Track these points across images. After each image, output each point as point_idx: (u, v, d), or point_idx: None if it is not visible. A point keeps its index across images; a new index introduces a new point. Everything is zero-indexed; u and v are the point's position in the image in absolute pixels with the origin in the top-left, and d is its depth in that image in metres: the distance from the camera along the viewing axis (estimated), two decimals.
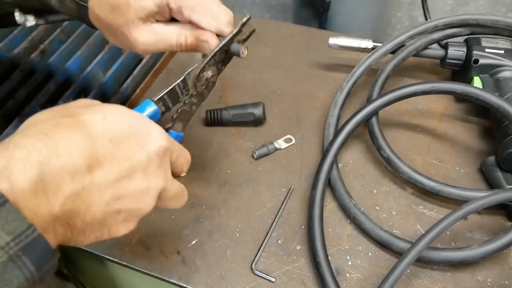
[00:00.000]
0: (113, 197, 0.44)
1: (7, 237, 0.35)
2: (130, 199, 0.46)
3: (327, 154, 0.78)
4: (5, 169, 0.37)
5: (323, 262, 0.69)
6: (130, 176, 0.45)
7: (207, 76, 0.61)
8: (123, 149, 0.45)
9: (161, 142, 0.48)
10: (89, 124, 0.43)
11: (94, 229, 0.45)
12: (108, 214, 0.45)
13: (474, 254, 0.68)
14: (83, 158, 0.41)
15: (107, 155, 0.43)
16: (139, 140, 0.46)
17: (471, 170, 0.83)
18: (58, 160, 0.39)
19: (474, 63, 0.87)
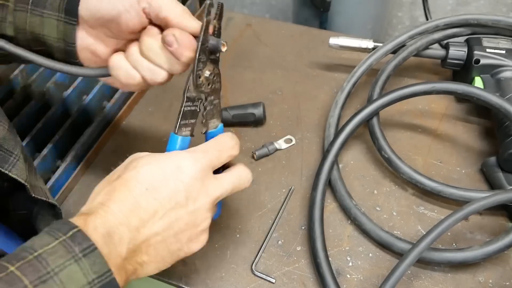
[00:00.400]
0: (166, 226, 0.54)
1: (93, 275, 0.47)
2: (183, 225, 0.56)
3: (328, 155, 0.78)
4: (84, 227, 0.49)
5: (323, 263, 0.69)
6: (177, 207, 0.55)
7: (206, 76, 0.61)
8: (159, 190, 0.54)
9: (193, 167, 0.56)
10: (128, 182, 0.54)
11: (165, 257, 0.56)
12: (168, 241, 0.55)
13: (475, 255, 0.68)
14: (131, 211, 0.53)
15: (149, 203, 0.54)
16: (169, 177, 0.55)
17: (472, 171, 0.83)
18: (114, 218, 0.51)
19: (475, 63, 0.87)
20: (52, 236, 0.47)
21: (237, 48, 1.07)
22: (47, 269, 0.45)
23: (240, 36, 1.10)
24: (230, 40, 1.09)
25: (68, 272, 0.46)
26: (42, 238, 0.48)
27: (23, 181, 0.61)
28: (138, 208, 0.53)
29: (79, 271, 0.46)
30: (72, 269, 0.46)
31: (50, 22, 0.63)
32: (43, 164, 0.80)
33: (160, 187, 0.54)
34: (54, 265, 0.45)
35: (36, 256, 0.46)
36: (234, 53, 1.06)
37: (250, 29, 1.11)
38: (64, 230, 0.48)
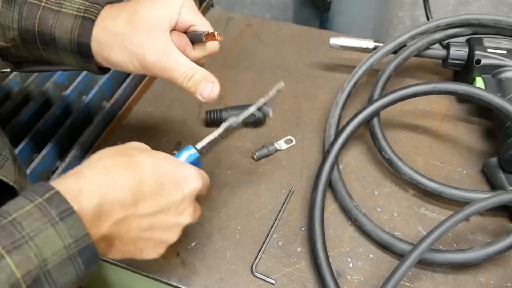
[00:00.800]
0: (148, 226, 0.55)
1: (70, 239, 0.46)
2: (161, 229, 0.57)
3: (328, 155, 0.78)
4: (77, 195, 0.48)
5: (323, 264, 0.69)
6: (165, 211, 0.56)
7: None
8: (164, 188, 0.55)
9: (195, 185, 0.58)
10: (141, 165, 0.54)
11: (128, 249, 0.55)
12: (142, 239, 0.55)
13: (476, 256, 0.68)
14: (132, 193, 0.52)
15: (151, 192, 0.54)
16: (177, 182, 0.57)
17: (473, 171, 0.83)
18: (114, 193, 0.51)
19: (476, 63, 0.87)
20: (27, 199, 0.46)
21: (237, 48, 1.07)
22: (21, 233, 0.44)
23: (240, 36, 1.10)
24: (230, 40, 1.09)
25: (44, 236, 0.44)
26: (18, 202, 0.46)
27: (12, 182, 0.60)
28: (139, 193, 0.53)
29: (56, 235, 0.45)
30: (48, 233, 0.45)
31: (68, 58, 0.65)
32: (43, 165, 0.81)
33: (165, 186, 0.55)
34: (29, 229, 0.44)
35: (10, 220, 0.44)
36: (234, 53, 1.06)
37: (250, 29, 1.11)
38: (40, 193, 0.46)
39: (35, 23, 0.63)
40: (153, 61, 0.62)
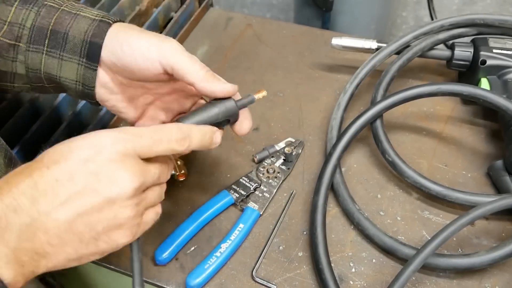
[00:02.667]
0: (71, 214, 0.48)
1: None
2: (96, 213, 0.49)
3: (330, 158, 0.78)
4: None
5: (325, 269, 0.69)
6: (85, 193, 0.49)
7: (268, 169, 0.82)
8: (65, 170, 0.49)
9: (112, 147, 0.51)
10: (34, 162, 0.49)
11: (77, 248, 0.50)
12: (78, 231, 0.49)
13: (482, 260, 0.68)
14: (24, 192, 0.47)
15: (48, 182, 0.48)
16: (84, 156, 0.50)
17: (478, 174, 0.83)
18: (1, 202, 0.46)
19: (482, 64, 0.87)
20: None
21: (237, 49, 1.07)
22: None
23: (241, 37, 1.10)
24: (230, 40, 1.09)
25: None
26: None
27: None
28: (34, 190, 0.48)
29: None
30: None
31: (69, 65, 0.65)
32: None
33: (66, 168, 0.49)
34: None
35: None
36: (234, 54, 1.06)
37: (251, 29, 1.12)
38: None
39: (51, 22, 0.64)
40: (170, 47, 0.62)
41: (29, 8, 0.65)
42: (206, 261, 0.71)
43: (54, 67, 0.65)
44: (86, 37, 0.63)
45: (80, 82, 0.66)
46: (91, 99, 0.68)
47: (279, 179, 0.82)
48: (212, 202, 0.78)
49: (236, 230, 0.75)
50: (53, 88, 0.69)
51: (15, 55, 0.65)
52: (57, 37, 0.64)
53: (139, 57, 0.62)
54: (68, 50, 0.64)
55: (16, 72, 0.66)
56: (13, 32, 0.64)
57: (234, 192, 0.80)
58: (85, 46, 0.63)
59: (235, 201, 0.79)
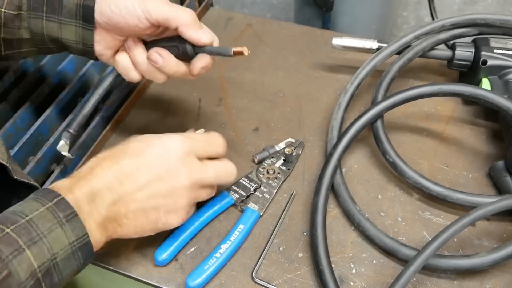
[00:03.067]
0: (146, 196, 0.64)
1: (73, 237, 0.57)
2: (162, 196, 0.65)
3: (331, 158, 0.78)
4: (70, 188, 0.60)
5: (326, 270, 0.69)
6: (156, 180, 0.65)
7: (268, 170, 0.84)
8: (144, 162, 0.65)
9: (177, 147, 0.67)
10: (116, 153, 0.66)
11: (141, 223, 0.65)
12: (148, 210, 0.65)
13: (483, 261, 0.68)
14: (114, 176, 0.63)
15: (131, 169, 0.64)
16: (157, 152, 0.66)
17: (479, 175, 0.83)
18: (98, 180, 0.62)
19: (483, 64, 0.87)
20: (39, 202, 0.57)
21: None
22: (37, 231, 0.55)
23: (241, 37, 1.10)
24: (230, 40, 1.09)
25: (55, 234, 0.56)
26: (31, 204, 0.57)
27: (5, 162, 0.65)
28: (121, 174, 0.63)
29: (63, 234, 0.56)
30: (58, 232, 0.56)
31: (68, 28, 0.73)
32: (38, 168, 0.81)
33: (145, 160, 0.65)
34: (43, 228, 0.55)
35: (28, 220, 0.55)
36: None
37: (251, 29, 1.12)
38: (49, 198, 0.58)
39: None
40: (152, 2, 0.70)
41: None
42: (206, 262, 0.71)
43: (55, 30, 0.73)
44: (79, 1, 0.71)
45: (80, 42, 0.74)
46: (90, 55, 0.76)
47: (279, 180, 0.82)
48: (212, 202, 0.78)
49: (236, 231, 0.75)
50: (56, 48, 0.77)
51: (19, 24, 0.72)
52: (53, 3, 0.71)
53: (127, 16, 0.70)
54: (65, 14, 0.72)
55: (22, 38, 0.74)
56: (14, 3, 0.71)
57: (234, 192, 0.80)
58: (79, 9, 0.71)
59: (235, 202, 0.79)
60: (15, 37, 0.73)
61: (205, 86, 0.99)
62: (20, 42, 0.74)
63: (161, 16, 0.69)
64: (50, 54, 0.81)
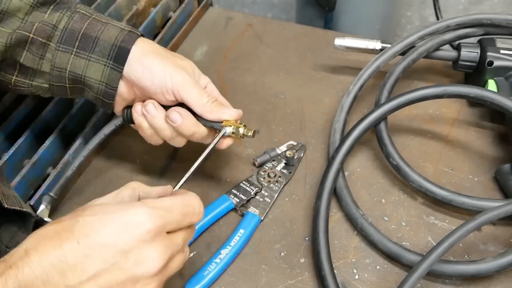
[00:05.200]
0: None
1: None
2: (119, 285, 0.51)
3: (333, 162, 0.78)
4: None
5: (328, 276, 0.69)
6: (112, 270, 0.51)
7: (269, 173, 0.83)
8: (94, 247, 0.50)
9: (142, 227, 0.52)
10: (63, 231, 0.51)
11: None
12: None
13: (489, 267, 0.68)
14: (54, 266, 0.49)
15: (77, 257, 0.50)
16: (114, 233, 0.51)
17: (485, 179, 0.83)
18: (31, 271, 0.48)
19: (489, 65, 0.87)
20: None
21: (237, 49, 1.08)
22: None
23: (241, 37, 1.10)
24: (230, 41, 1.09)
25: None
26: None
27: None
28: (63, 263, 0.49)
29: None
30: None
31: (96, 66, 0.73)
32: (33, 171, 0.81)
33: (95, 244, 0.51)
34: None
35: None
36: (234, 55, 1.06)
37: (251, 30, 1.12)
38: None
39: (83, 26, 0.73)
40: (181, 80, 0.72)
41: (62, 12, 0.73)
42: (205, 268, 0.72)
43: (80, 67, 0.73)
44: (116, 42, 0.72)
45: (103, 82, 0.74)
46: (109, 98, 0.75)
47: (281, 184, 0.82)
48: (212, 207, 0.78)
49: (236, 235, 0.75)
50: (70, 90, 0.76)
51: (43, 53, 0.73)
52: (87, 40, 0.73)
53: (156, 84, 0.72)
54: (97, 52, 0.73)
55: (40, 70, 0.74)
56: (46, 31, 0.72)
57: (234, 196, 0.80)
58: (114, 49, 0.72)
59: (235, 206, 0.79)
60: (34, 66, 0.73)
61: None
62: (36, 73, 0.74)
63: (186, 98, 0.72)
64: (60, 96, 0.78)
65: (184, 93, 0.72)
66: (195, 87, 0.73)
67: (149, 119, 0.74)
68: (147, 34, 1.06)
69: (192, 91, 0.72)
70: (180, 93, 0.72)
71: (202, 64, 1.03)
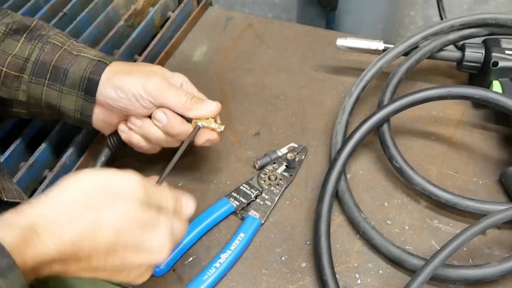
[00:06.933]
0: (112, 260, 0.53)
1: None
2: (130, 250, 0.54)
3: (335, 164, 0.78)
4: None
5: (330, 280, 0.69)
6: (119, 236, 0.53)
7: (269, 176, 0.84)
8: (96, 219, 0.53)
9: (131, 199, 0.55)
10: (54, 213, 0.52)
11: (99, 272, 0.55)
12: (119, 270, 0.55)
13: (493, 272, 0.68)
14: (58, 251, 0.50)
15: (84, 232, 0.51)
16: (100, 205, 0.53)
17: (490, 181, 0.83)
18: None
19: (493, 66, 0.87)
20: None
21: (237, 50, 1.08)
22: None
23: (241, 37, 1.11)
24: (230, 41, 1.09)
25: None
26: None
27: None
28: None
29: None
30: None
31: (68, 97, 0.75)
32: (30, 174, 0.81)
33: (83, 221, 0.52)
34: None
35: None
36: (234, 55, 1.07)
37: (252, 30, 1.12)
38: None
39: (53, 58, 0.75)
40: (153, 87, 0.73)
41: (34, 43, 0.75)
42: (204, 272, 0.72)
43: (54, 98, 0.75)
44: (85, 74, 0.74)
45: (78, 111, 0.76)
46: (87, 125, 0.79)
47: (281, 187, 0.82)
48: (211, 210, 0.78)
49: (236, 239, 0.75)
50: (49, 115, 0.79)
51: (18, 85, 0.75)
52: (58, 72, 0.74)
53: (133, 99, 0.73)
54: (68, 85, 0.75)
55: (17, 99, 0.76)
56: (18, 65, 0.74)
57: (234, 200, 0.80)
58: (83, 81, 0.74)
59: (235, 209, 0.79)
60: (10, 97, 0.76)
61: (203, 89, 0.98)
62: (14, 102, 0.77)
63: (164, 102, 0.74)
64: (41, 118, 0.82)
65: (160, 98, 0.74)
66: (170, 89, 0.74)
67: (137, 130, 0.76)
68: (145, 34, 1.06)
69: (168, 93, 0.74)
70: (156, 99, 0.74)
71: (201, 65, 1.04)
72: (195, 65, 1.05)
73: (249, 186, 0.82)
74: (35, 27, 0.77)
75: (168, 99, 0.74)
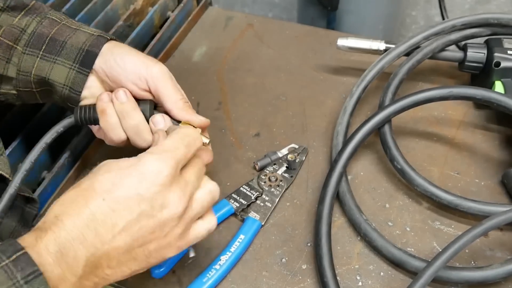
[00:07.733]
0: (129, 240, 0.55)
1: None
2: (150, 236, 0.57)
3: (336, 165, 0.78)
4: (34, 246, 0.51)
5: (331, 282, 0.69)
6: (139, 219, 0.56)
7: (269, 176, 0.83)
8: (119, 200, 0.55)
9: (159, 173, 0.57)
10: (85, 191, 0.55)
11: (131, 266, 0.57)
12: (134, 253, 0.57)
13: (496, 274, 0.68)
14: (86, 225, 0.53)
15: (105, 213, 0.54)
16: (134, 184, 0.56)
17: (492, 183, 0.83)
18: (68, 234, 0.52)
19: (496, 66, 0.87)
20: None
21: (237, 50, 1.08)
22: None
23: (241, 37, 1.11)
24: (230, 41, 1.10)
25: None
26: None
27: (8, 175, 0.66)
28: (95, 221, 0.54)
29: None
30: None
31: (60, 68, 0.73)
32: (28, 175, 0.81)
33: (120, 197, 0.55)
34: None
35: None
36: (234, 56, 1.07)
37: (252, 30, 1.12)
38: (8, 253, 0.49)
39: (51, 31, 0.74)
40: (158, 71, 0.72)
41: (32, 17, 0.74)
42: (204, 274, 0.72)
43: (45, 69, 0.73)
44: (84, 46, 0.73)
45: (67, 86, 0.73)
46: (72, 103, 0.75)
47: (282, 188, 0.82)
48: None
49: (236, 241, 0.75)
50: (39, 93, 0.77)
51: (9, 57, 0.73)
52: (55, 44, 0.73)
53: (130, 70, 0.71)
54: (63, 55, 0.73)
55: (6, 75, 0.74)
56: (13, 34, 0.73)
57: (234, 201, 0.80)
58: (81, 53, 0.72)
59: (235, 211, 0.79)
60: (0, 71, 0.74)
61: (203, 89, 0.99)
62: (2, 79, 0.75)
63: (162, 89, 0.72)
64: (31, 102, 0.79)
65: (160, 83, 0.71)
66: (172, 81, 0.73)
67: (118, 106, 0.71)
68: (144, 34, 1.06)
69: (168, 84, 0.72)
70: (155, 83, 0.71)
71: (201, 65, 1.04)
72: (194, 65, 1.05)
73: (249, 188, 0.82)
74: (33, 6, 0.76)
75: (166, 88, 0.71)
